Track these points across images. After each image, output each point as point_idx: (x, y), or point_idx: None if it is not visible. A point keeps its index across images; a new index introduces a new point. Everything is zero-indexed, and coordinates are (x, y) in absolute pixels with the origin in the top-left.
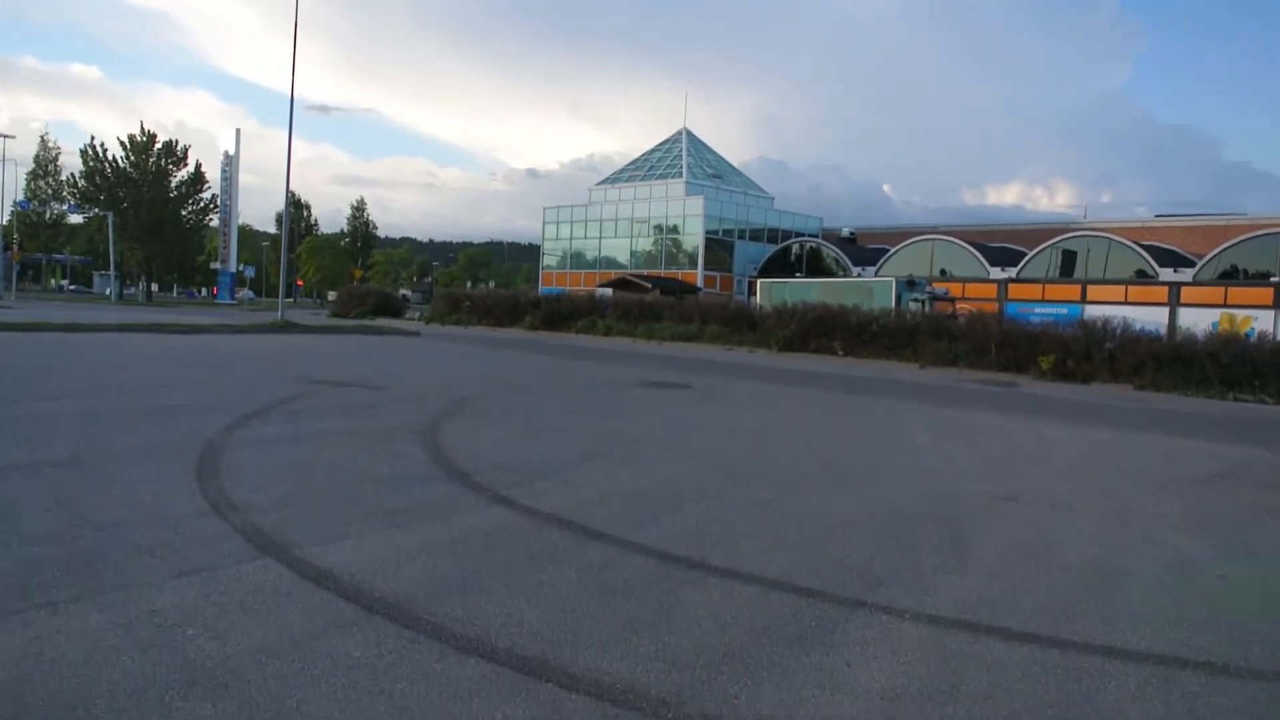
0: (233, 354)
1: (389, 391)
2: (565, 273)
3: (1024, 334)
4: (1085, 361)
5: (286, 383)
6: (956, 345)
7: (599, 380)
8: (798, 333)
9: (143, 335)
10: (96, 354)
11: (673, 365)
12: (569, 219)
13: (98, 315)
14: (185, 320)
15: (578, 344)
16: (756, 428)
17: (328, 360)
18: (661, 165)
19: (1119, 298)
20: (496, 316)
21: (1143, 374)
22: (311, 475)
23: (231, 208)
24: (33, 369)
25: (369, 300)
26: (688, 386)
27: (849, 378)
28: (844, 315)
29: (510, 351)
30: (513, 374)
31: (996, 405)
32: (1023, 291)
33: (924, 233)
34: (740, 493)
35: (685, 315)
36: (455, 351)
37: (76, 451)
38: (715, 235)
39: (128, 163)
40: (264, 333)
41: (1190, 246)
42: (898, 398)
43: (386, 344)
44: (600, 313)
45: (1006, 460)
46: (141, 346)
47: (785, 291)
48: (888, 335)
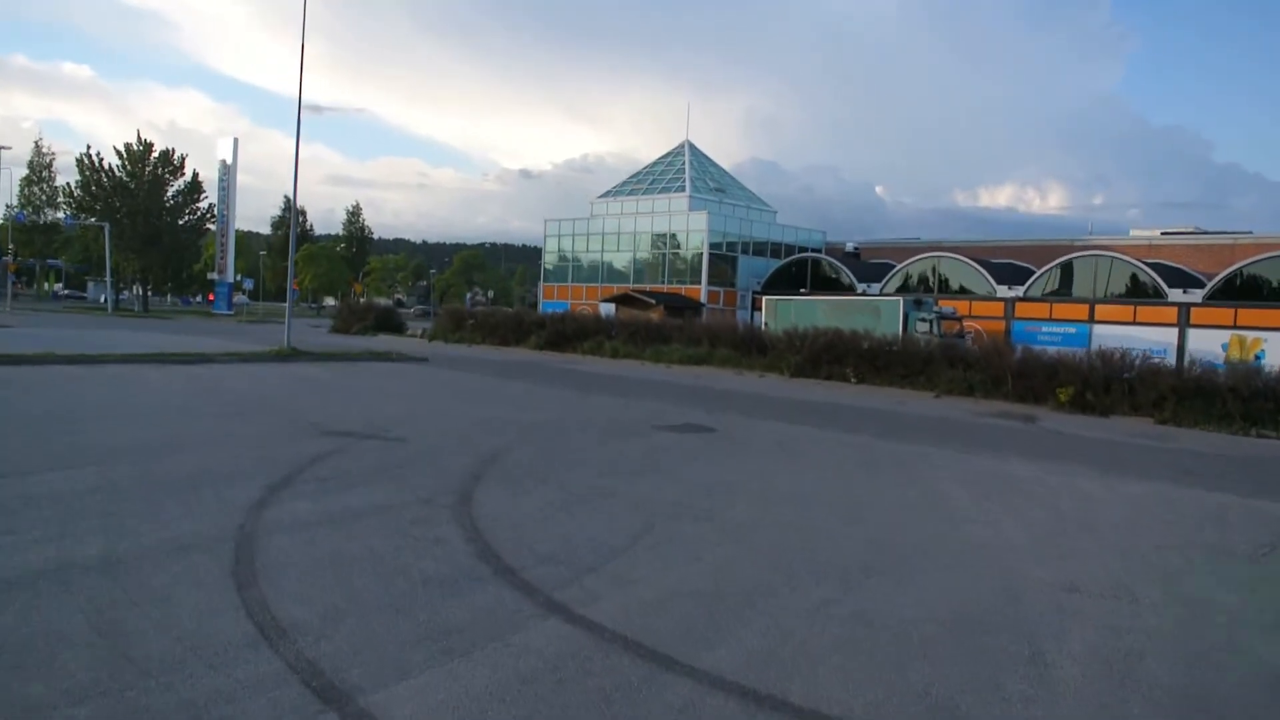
0: (242, 394)
1: (410, 445)
2: (567, 285)
3: (1041, 364)
4: (1104, 394)
5: (304, 436)
6: (972, 375)
7: (618, 421)
8: (809, 358)
9: (149, 368)
10: (104, 398)
11: (688, 397)
12: (570, 232)
13: (97, 336)
14: (189, 347)
15: (586, 369)
16: (792, 491)
17: (340, 401)
18: (664, 178)
19: (1127, 318)
20: (501, 336)
21: (1163, 408)
22: (355, 575)
23: (229, 217)
24: (43, 419)
25: (370, 316)
26: (710, 430)
27: (867, 413)
28: (856, 340)
29: (521, 383)
30: (529, 415)
31: (1024, 449)
32: (1030, 310)
33: (928, 249)
34: (799, 591)
35: (694, 337)
36: (466, 386)
37: (105, 548)
38: (719, 250)
39: (124, 172)
40: (270, 362)
41: (1198, 265)
42: (924, 441)
43: (396, 375)
44: (607, 334)
45: (1053, 530)
46: (149, 384)
47: (791, 309)
48: (901, 363)
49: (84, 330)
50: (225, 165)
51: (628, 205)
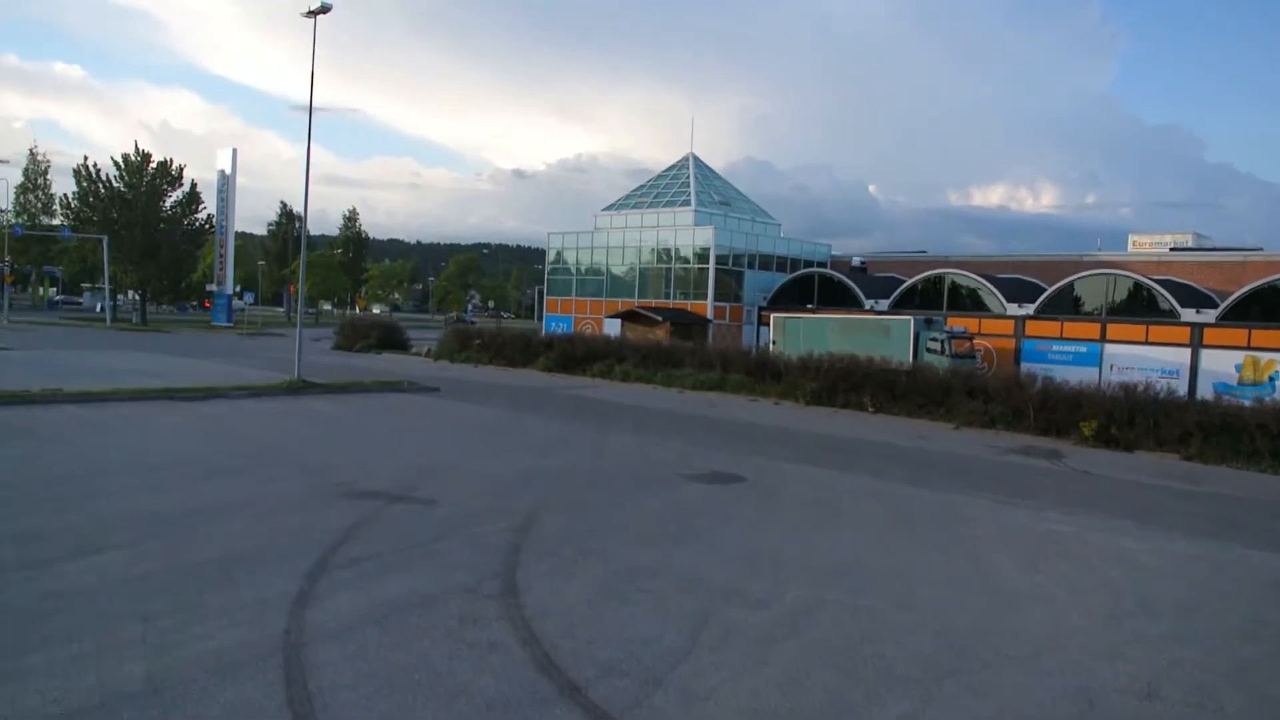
0: (259, 441)
1: (440, 509)
2: (570, 299)
3: (1063, 397)
4: (1128, 428)
5: (330, 499)
6: (992, 407)
7: (644, 469)
8: (825, 386)
9: (160, 407)
10: (119, 452)
11: (708, 433)
12: (574, 245)
13: (101, 361)
14: (195, 375)
15: (600, 397)
16: (837, 561)
17: (360, 448)
18: (669, 191)
19: (1139, 337)
20: (509, 356)
21: (1189, 443)
22: (416, 701)
23: (228, 227)
24: (60, 482)
25: (373, 333)
26: (738, 479)
27: (891, 451)
28: (872, 367)
29: (538, 418)
30: (553, 461)
31: (1057, 497)
32: (1040, 329)
33: (935, 263)
34: (879, 705)
35: (706, 362)
36: (483, 422)
37: (149, 669)
38: (725, 265)
39: (122, 182)
40: (281, 396)
41: (1208, 282)
42: (954, 487)
43: (411, 411)
44: (617, 356)
45: (1112, 611)
46: (162, 431)
47: (800, 327)
48: (919, 391)
49: (86, 352)
50: (224, 175)
51: (632, 219)
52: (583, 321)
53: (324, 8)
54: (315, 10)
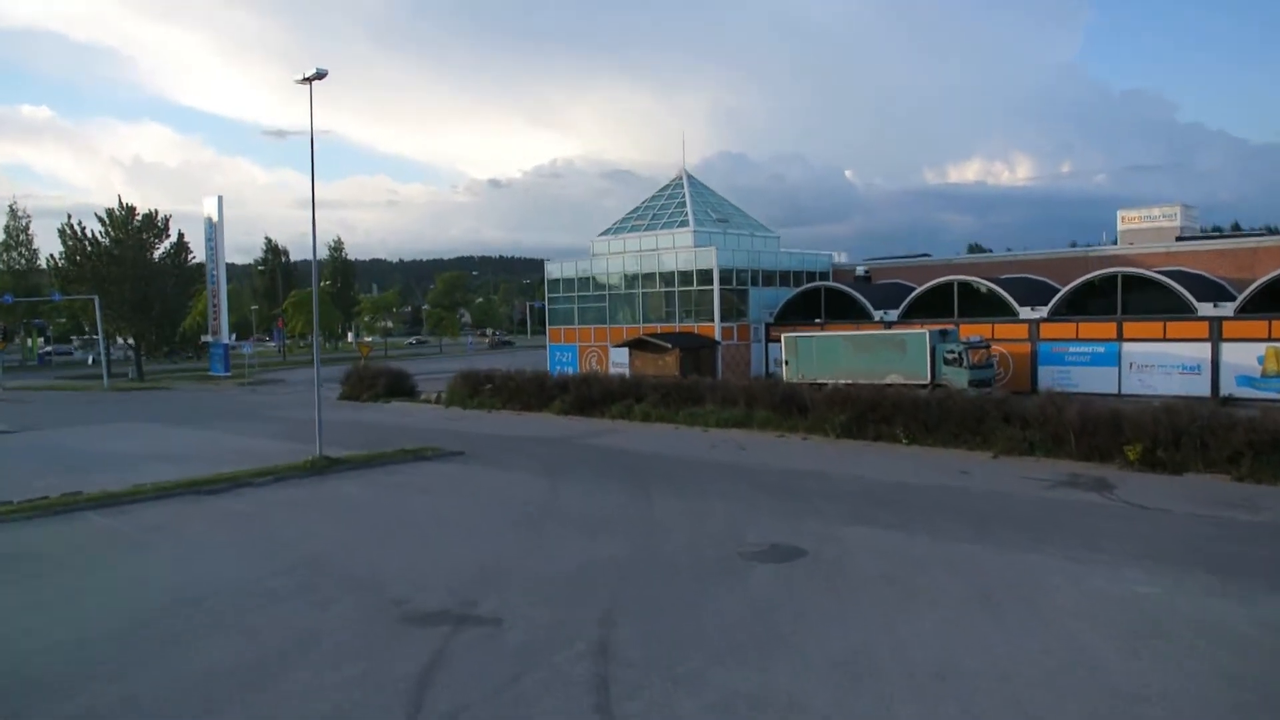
0: (295, 548)
1: (510, 632)
2: (574, 328)
3: (1104, 420)
4: (1174, 449)
5: (392, 624)
6: (1031, 433)
7: (701, 548)
8: (855, 418)
9: (187, 507)
10: (156, 585)
11: (750, 486)
12: (574, 273)
13: (109, 439)
14: (207, 449)
15: (626, 446)
16: (931, 663)
17: (401, 545)
18: (665, 213)
19: (1157, 334)
20: (523, 400)
21: (1239, 463)
22: None
23: (219, 277)
24: (98, 639)
25: (380, 382)
26: (800, 552)
27: (938, 496)
28: (901, 397)
29: (573, 487)
30: (604, 549)
31: (1124, 545)
32: (1055, 331)
33: (939, 268)
34: None
35: (730, 398)
36: (519, 496)
37: None
38: (728, 284)
39: (108, 239)
40: (305, 478)
41: (1219, 270)
42: (1020, 544)
43: (441, 486)
44: (635, 396)
45: (1239, 710)
46: (193, 542)
47: (812, 345)
48: (954, 419)
49: (92, 429)
50: (211, 223)
51: (630, 242)
52: (588, 350)
53: (319, 74)
54: (310, 77)
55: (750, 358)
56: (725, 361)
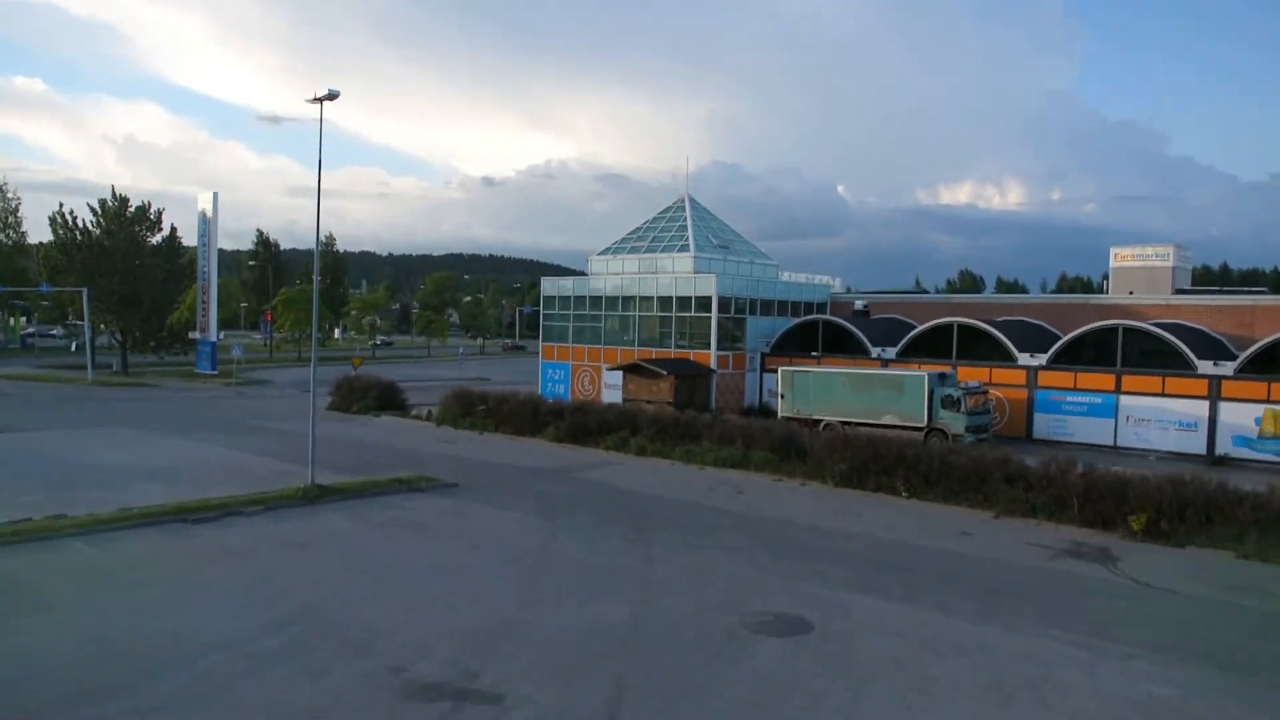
0: (290, 595)
1: (514, 713)
2: (567, 346)
3: (1108, 485)
4: (1179, 522)
5: (390, 697)
6: (1033, 495)
7: (704, 615)
8: (855, 467)
9: (173, 538)
10: (145, 632)
11: (752, 543)
12: (570, 291)
13: (93, 450)
14: (202, 479)
15: (622, 483)
16: None
17: (397, 596)
18: (666, 236)
19: (1156, 389)
20: (515, 424)
21: (1244, 540)
22: None
23: (210, 274)
24: (84, 698)
25: (371, 394)
26: (808, 627)
27: (942, 563)
28: (903, 448)
29: (571, 533)
30: (606, 612)
31: (1135, 632)
32: (1053, 379)
33: (938, 306)
34: None
35: (727, 436)
36: (515, 544)
37: None
38: (727, 312)
39: (99, 229)
40: (297, 509)
41: (1218, 326)
42: (1030, 627)
43: (437, 528)
44: (631, 428)
45: None
46: (181, 581)
47: (808, 381)
48: (955, 476)
49: (76, 434)
50: (205, 218)
51: (629, 264)
52: (580, 369)
53: (331, 95)
54: (322, 97)
55: (745, 387)
56: (720, 390)
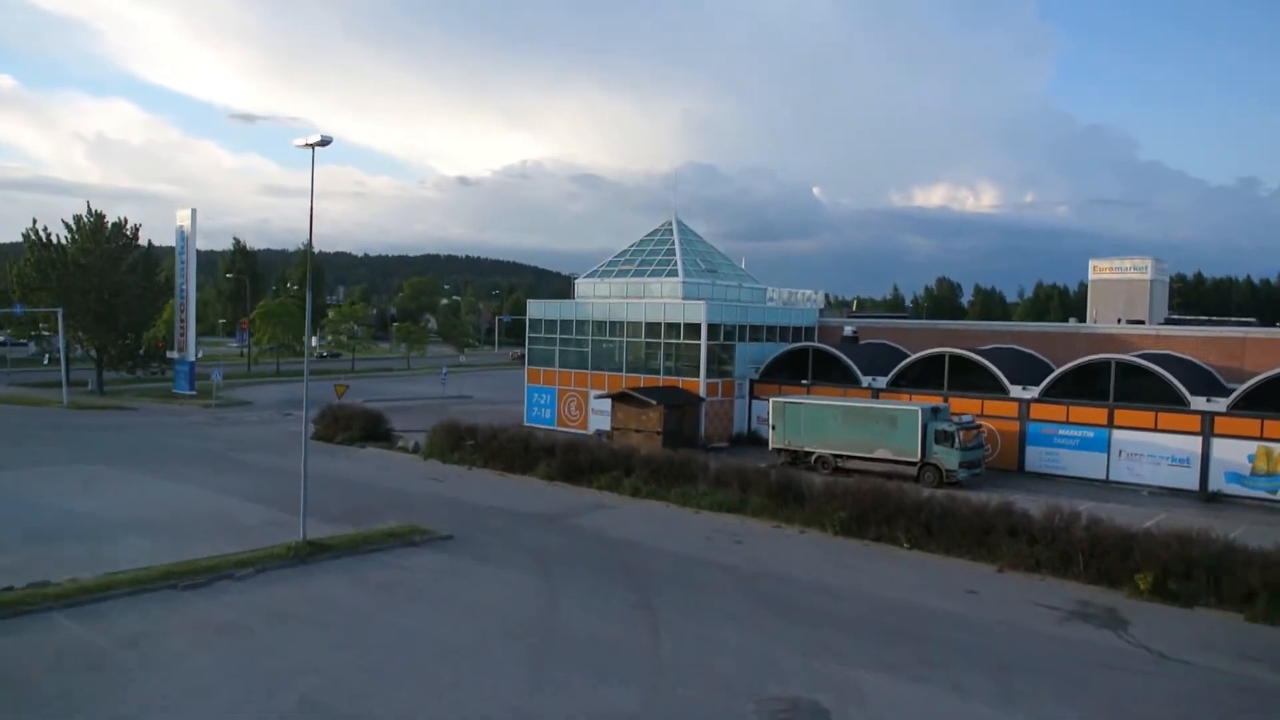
0: (289, 685)
1: None
2: (554, 370)
3: (1114, 540)
4: (1186, 580)
5: None
6: (1038, 550)
7: (716, 701)
8: (856, 516)
9: (163, 610)
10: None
11: (759, 608)
12: (557, 315)
13: (71, 496)
14: (188, 530)
15: (619, 532)
16: None
17: (401, 687)
18: (654, 259)
19: (1148, 424)
20: (506, 460)
21: (1253, 603)
22: None
23: (188, 292)
24: None
25: (355, 424)
26: (826, 715)
27: (955, 626)
28: (904, 498)
29: (574, 598)
30: (612, 695)
31: (1156, 705)
32: (1045, 412)
33: (926, 334)
34: None
35: (723, 479)
36: (515, 612)
37: None
38: (715, 339)
39: (74, 246)
40: (289, 570)
41: (1207, 357)
42: (1043, 711)
43: (434, 592)
44: (625, 468)
45: None
46: (173, 668)
47: (800, 413)
48: (957, 527)
49: (53, 470)
50: (183, 235)
51: (615, 288)
52: (567, 394)
53: (324, 141)
54: (315, 143)
55: (734, 414)
56: (709, 417)
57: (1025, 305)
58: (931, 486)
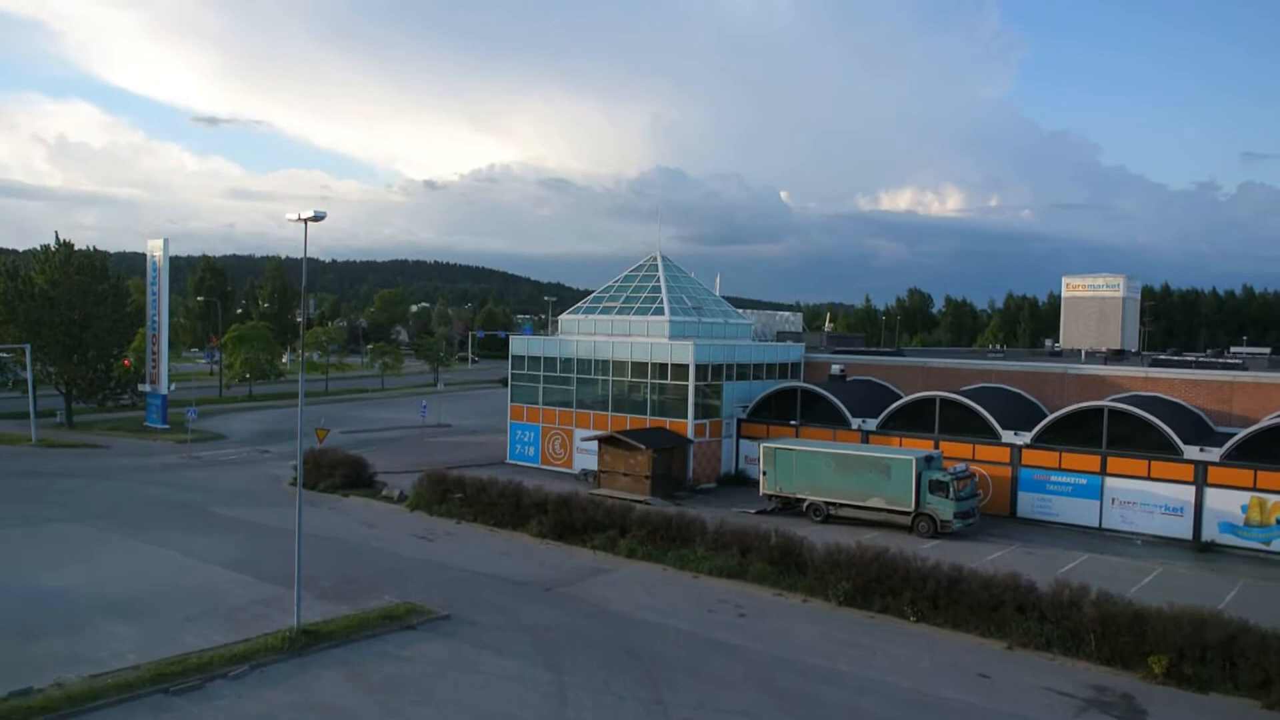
0: None
1: None
2: (538, 408)
3: (1126, 620)
4: (1201, 664)
5: None
6: (1048, 628)
7: None
8: (860, 586)
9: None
10: None
11: (769, 697)
12: (540, 351)
13: (43, 566)
14: (172, 606)
15: (618, 604)
16: None
17: None
18: (639, 297)
19: (1141, 472)
20: (496, 516)
21: (1270, 689)
22: None
23: (160, 323)
24: None
25: (338, 471)
26: None
27: (969, 717)
28: (907, 566)
29: (578, 685)
30: None
31: None
32: (1037, 458)
33: (911, 369)
34: None
35: (721, 542)
36: (525, 714)
37: None
38: (703, 379)
39: (44, 278)
40: (283, 665)
41: (1197, 400)
42: None
43: (438, 691)
44: (620, 527)
45: None
46: None
47: (791, 459)
48: (965, 602)
49: (23, 534)
50: (155, 266)
51: (601, 324)
52: (551, 432)
53: (316, 216)
54: (309, 218)
55: (721, 454)
56: (697, 458)
57: (997, 317)
58: (926, 537)
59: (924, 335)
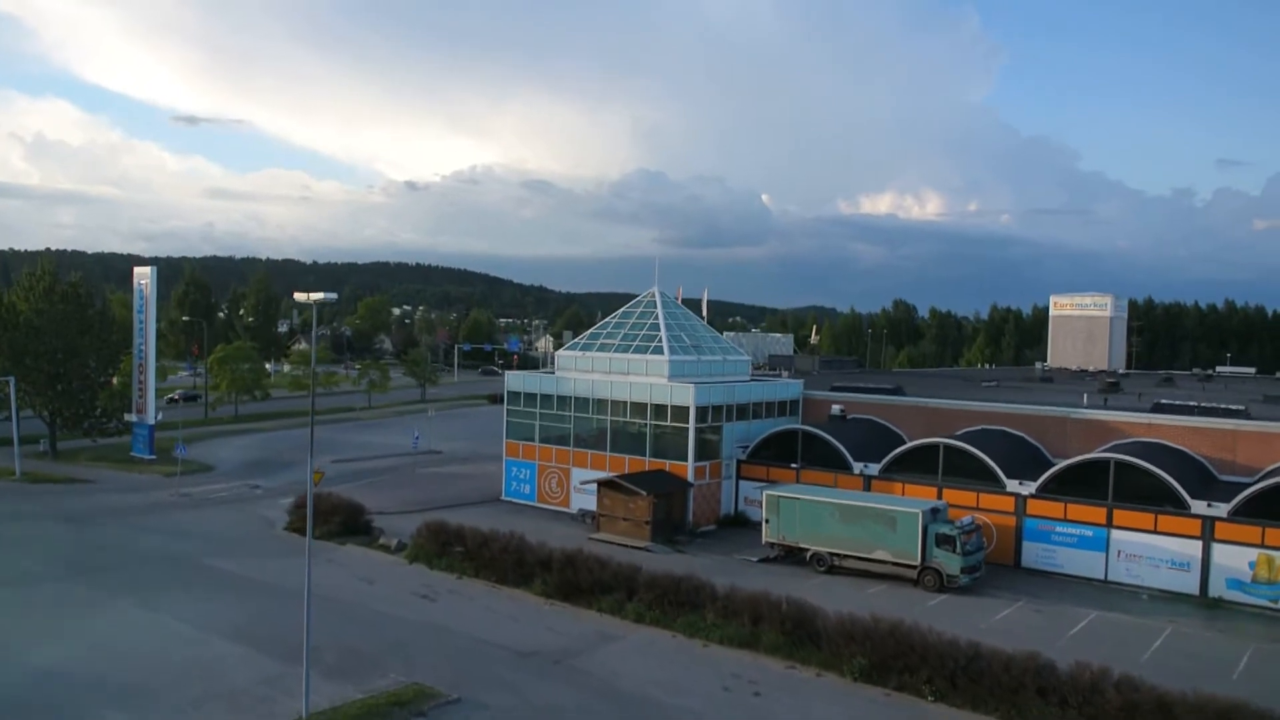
0: None
1: None
2: (534, 445)
3: (1150, 709)
4: None
5: None
6: (1069, 713)
7: None
8: (876, 663)
9: None
10: None
11: None
12: (536, 388)
13: (29, 625)
14: (168, 705)
15: (629, 680)
16: None
17: None
18: (637, 334)
19: (1148, 526)
20: (498, 572)
21: None
22: None
23: (147, 353)
24: None
25: (335, 518)
26: None
27: None
28: (925, 641)
29: None
30: None
31: None
32: (1042, 508)
33: (910, 409)
34: None
35: (732, 609)
36: None
37: None
38: (703, 421)
39: (29, 307)
40: None
41: (1199, 448)
42: None
43: None
44: (628, 589)
45: None
46: None
47: (795, 509)
48: (984, 682)
49: (10, 596)
50: (143, 295)
51: (599, 363)
52: (548, 470)
53: (325, 299)
54: (317, 299)
55: (721, 495)
56: (697, 500)
57: (983, 330)
58: (932, 591)
59: (910, 349)
